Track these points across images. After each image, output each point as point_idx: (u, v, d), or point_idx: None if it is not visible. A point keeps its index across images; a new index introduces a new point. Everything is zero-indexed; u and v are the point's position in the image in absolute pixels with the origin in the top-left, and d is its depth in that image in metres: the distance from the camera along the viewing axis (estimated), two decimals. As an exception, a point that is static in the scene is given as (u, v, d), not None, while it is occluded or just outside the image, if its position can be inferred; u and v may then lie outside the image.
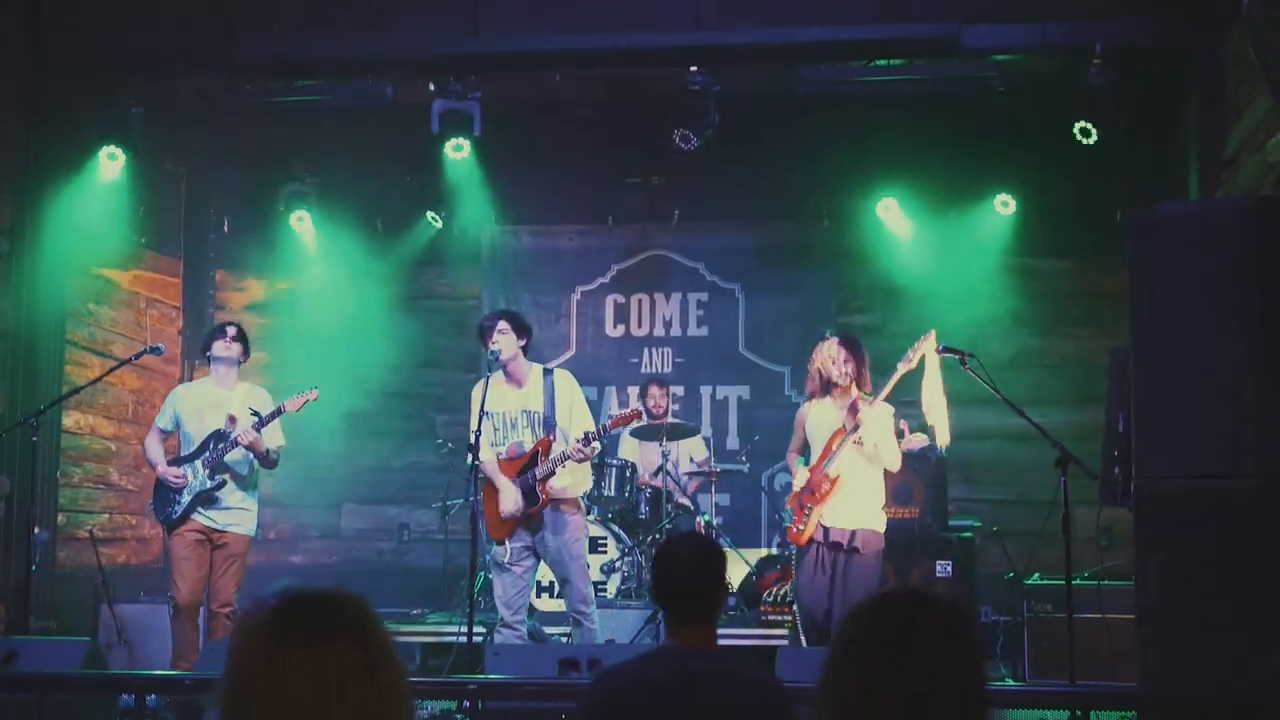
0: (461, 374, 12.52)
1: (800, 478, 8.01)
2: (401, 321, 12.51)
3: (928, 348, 7.80)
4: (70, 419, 10.55)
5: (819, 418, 8.10)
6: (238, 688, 2.04)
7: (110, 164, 9.95)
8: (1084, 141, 9.46)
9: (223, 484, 8.31)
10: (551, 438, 7.90)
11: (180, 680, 6.65)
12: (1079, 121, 9.41)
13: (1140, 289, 6.25)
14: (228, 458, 8.30)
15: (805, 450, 8.23)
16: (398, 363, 12.51)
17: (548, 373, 8.16)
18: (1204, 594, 6.03)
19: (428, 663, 10.12)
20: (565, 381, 8.14)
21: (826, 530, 7.87)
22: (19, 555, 8.81)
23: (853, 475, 7.88)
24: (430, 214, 11.97)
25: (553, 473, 7.85)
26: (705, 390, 12.21)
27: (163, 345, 8.77)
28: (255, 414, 8.28)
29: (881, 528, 8.01)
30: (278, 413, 8.32)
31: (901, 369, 7.82)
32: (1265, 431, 5.94)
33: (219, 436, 8.31)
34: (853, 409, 7.83)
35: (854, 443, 7.84)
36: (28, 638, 7.29)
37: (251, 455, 8.38)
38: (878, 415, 7.85)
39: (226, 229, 12.29)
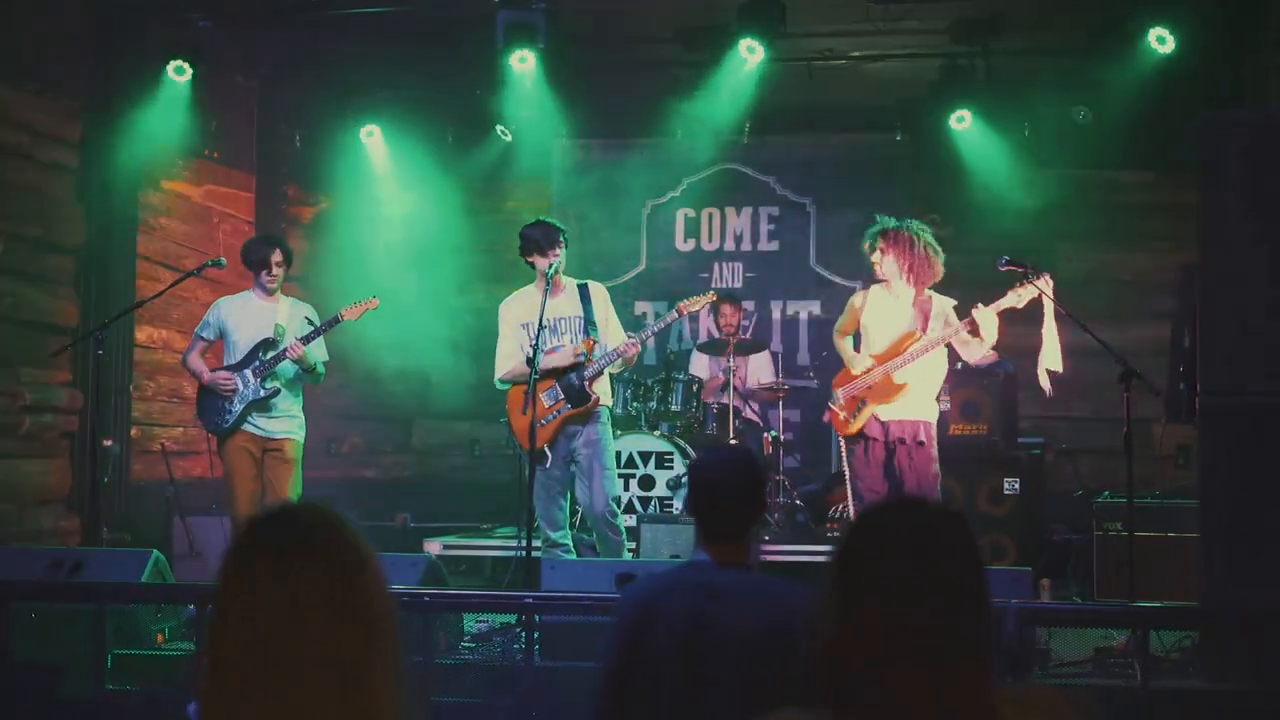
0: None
1: (860, 364, 7.81)
2: (472, 236, 12.50)
3: (1043, 287, 7.49)
4: (143, 333, 10.66)
5: (879, 309, 7.91)
6: (216, 604, 2.08)
7: (178, 78, 9.97)
8: (1159, 49, 9.22)
9: (276, 391, 8.26)
10: (594, 339, 7.90)
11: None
12: (1154, 28, 9.18)
13: (1209, 200, 6.09)
14: (278, 367, 8.28)
15: (854, 334, 8.10)
16: (467, 277, 12.52)
17: (582, 284, 8.15)
18: (1267, 510, 5.93)
19: (496, 576, 10.19)
20: (601, 292, 8.18)
21: (885, 424, 7.75)
22: (90, 467, 8.93)
23: (918, 373, 7.75)
24: (500, 128, 11.90)
25: (600, 372, 7.85)
26: (776, 306, 12.12)
27: (224, 258, 8.73)
28: (310, 321, 8.27)
29: (935, 418, 7.92)
30: (335, 321, 8.26)
31: (1006, 303, 7.55)
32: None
33: (267, 345, 8.27)
34: (970, 323, 7.56)
35: (976, 353, 7.74)
36: (94, 548, 7.40)
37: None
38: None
39: (298, 143, 12.26)
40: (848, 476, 8.07)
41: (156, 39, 9.92)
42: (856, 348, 8.01)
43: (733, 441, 9.92)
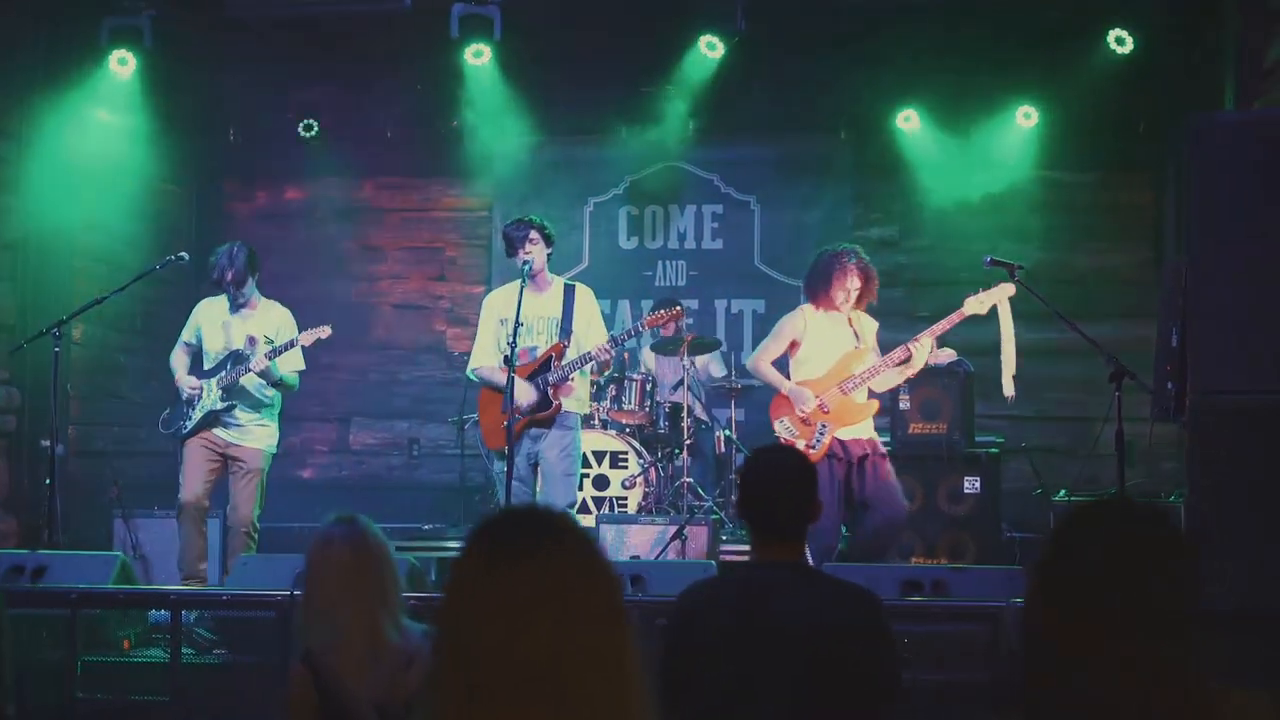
0: (471, 286, 12.38)
1: (809, 396, 7.85)
2: (411, 232, 12.34)
3: (1001, 297, 7.69)
4: (78, 331, 10.37)
5: (824, 332, 8.02)
6: (454, 605, 2.01)
7: (121, 69, 9.71)
8: (1118, 51, 9.29)
9: (232, 407, 8.14)
10: (565, 344, 7.80)
11: (218, 596, 6.55)
12: (1114, 30, 9.24)
13: (1200, 198, 6.11)
14: (243, 380, 8.10)
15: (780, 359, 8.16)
16: (407, 274, 12.37)
17: (569, 286, 8.06)
18: (1258, 508, 5.96)
19: (443, 579, 10.04)
20: (586, 295, 8.07)
21: (844, 442, 7.82)
22: (37, 469, 8.71)
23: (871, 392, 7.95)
24: (442, 122, 11.75)
25: (566, 378, 7.74)
26: (720, 304, 12.08)
27: (186, 254, 8.55)
28: (269, 341, 8.13)
29: None
30: (290, 345, 8.08)
31: (967, 311, 7.73)
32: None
33: (236, 358, 8.13)
34: (905, 350, 7.77)
35: (905, 375, 7.95)
36: (56, 552, 7.16)
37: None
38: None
39: (236, 138, 11.97)
40: None
41: (99, 30, 9.64)
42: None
43: (688, 441, 9.88)
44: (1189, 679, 2.09)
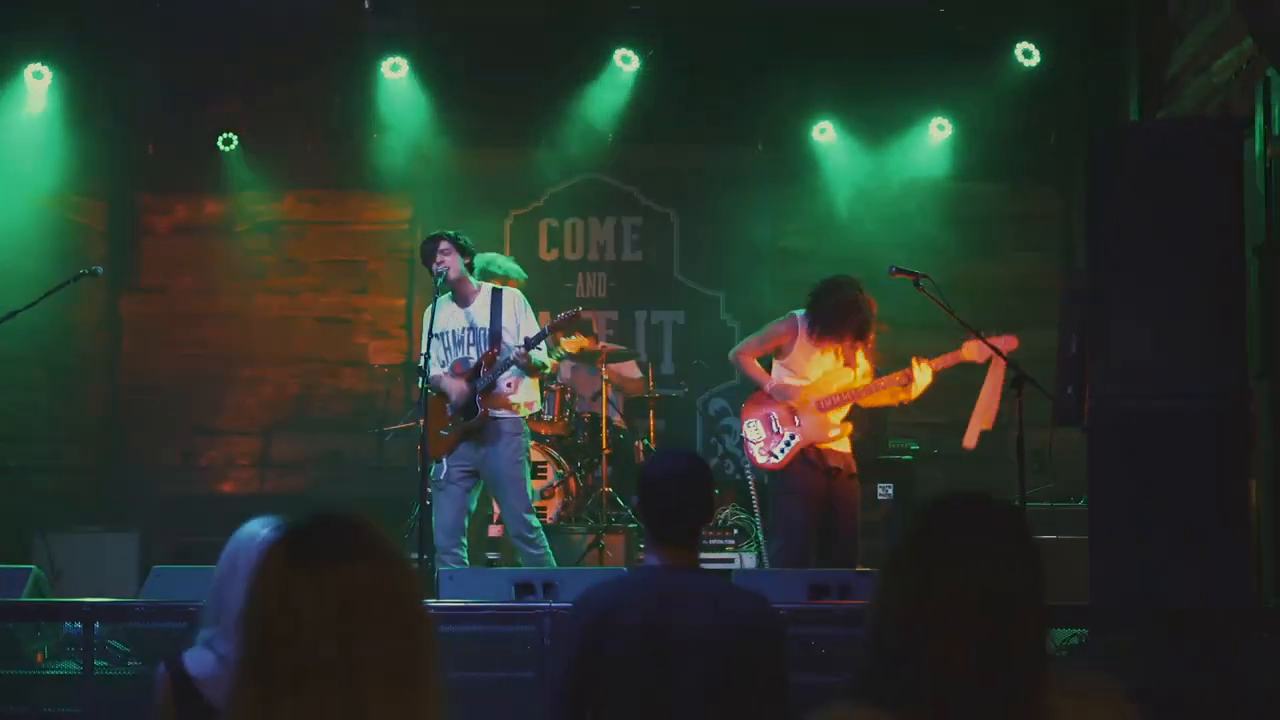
0: (393, 299, 12.39)
1: (790, 392, 7.67)
2: (332, 245, 12.32)
3: (1001, 350, 7.41)
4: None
5: (817, 356, 7.71)
6: (252, 612, 2.04)
7: (36, 83, 9.67)
8: (1025, 64, 9.46)
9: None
10: (496, 351, 7.85)
11: (131, 607, 6.54)
12: (1020, 43, 9.42)
13: (1099, 207, 6.27)
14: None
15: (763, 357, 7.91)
16: (327, 287, 12.33)
17: (496, 291, 8.10)
18: (1157, 511, 6.10)
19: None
20: (511, 298, 8.09)
21: (821, 453, 7.67)
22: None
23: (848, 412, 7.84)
24: (362, 135, 11.77)
25: (493, 384, 7.81)
26: (640, 315, 12.16)
27: (101, 267, 8.51)
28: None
29: None
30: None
31: (964, 356, 7.62)
32: (1218, 352, 6.02)
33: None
34: (905, 374, 7.65)
35: (898, 399, 7.80)
36: (-32, 567, 7.12)
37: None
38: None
39: (152, 150, 11.92)
40: (780, 513, 7.88)
41: (12, 41, 9.59)
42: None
43: (607, 452, 9.93)
44: (1037, 675, 2.15)
